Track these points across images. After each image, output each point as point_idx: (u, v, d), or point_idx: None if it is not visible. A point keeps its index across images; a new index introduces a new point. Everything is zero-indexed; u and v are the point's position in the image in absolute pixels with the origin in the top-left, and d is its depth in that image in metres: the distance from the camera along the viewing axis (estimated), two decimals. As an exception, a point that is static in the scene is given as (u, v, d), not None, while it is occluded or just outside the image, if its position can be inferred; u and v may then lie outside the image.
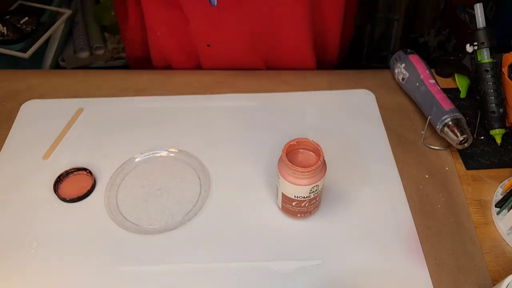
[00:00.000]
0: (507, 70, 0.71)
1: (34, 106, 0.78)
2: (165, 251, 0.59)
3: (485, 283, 0.56)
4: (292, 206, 0.59)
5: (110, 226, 0.62)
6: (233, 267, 0.58)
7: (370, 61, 1.60)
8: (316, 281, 0.56)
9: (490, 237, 0.61)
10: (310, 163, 0.56)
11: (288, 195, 0.58)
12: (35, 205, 0.64)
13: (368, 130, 0.74)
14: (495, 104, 0.71)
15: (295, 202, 0.58)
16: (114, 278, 0.57)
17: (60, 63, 1.33)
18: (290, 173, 0.55)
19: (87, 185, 0.65)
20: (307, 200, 0.58)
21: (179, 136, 0.73)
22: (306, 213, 0.61)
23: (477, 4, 0.71)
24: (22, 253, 0.59)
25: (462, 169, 0.69)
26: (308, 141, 0.57)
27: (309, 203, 0.59)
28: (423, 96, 0.74)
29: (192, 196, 0.65)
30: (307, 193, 0.56)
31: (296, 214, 0.61)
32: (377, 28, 1.55)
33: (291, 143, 0.56)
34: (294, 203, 0.58)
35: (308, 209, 0.60)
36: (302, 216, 0.61)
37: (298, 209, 0.60)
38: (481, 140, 0.73)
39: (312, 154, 0.57)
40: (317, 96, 0.80)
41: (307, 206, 0.59)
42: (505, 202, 0.62)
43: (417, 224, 0.62)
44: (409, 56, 0.78)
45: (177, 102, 0.79)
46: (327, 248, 0.60)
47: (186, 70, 0.84)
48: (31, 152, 0.71)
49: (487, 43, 0.71)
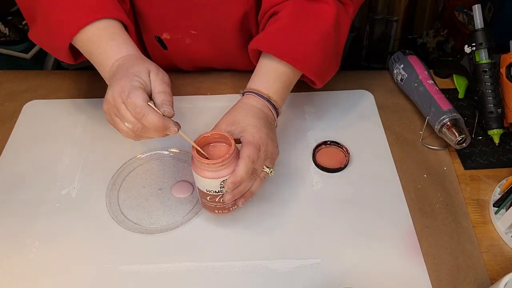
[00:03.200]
0: (505, 71, 0.72)
1: (36, 107, 0.79)
2: (166, 251, 0.60)
3: (483, 282, 0.57)
4: (208, 201, 0.58)
5: (111, 225, 0.62)
6: (233, 266, 0.58)
7: (369, 61, 1.61)
8: (315, 279, 0.57)
9: (488, 236, 0.62)
10: (222, 155, 0.53)
11: (202, 189, 0.56)
12: (37, 205, 0.64)
13: (367, 130, 0.75)
14: (493, 105, 0.71)
15: (209, 196, 0.56)
16: (115, 277, 0.57)
17: (62, 63, 1.34)
18: (199, 165, 0.53)
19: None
20: (220, 195, 0.56)
21: (180, 136, 0.74)
22: (223, 209, 0.59)
23: (476, 5, 0.72)
24: (23, 252, 0.59)
25: (460, 169, 0.70)
26: (221, 133, 0.55)
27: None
28: (422, 97, 0.74)
29: (193, 196, 0.66)
30: (218, 188, 0.55)
31: (214, 210, 0.59)
32: (376, 29, 1.55)
33: (204, 135, 0.55)
34: (208, 198, 0.57)
35: (225, 205, 0.58)
36: (220, 212, 0.59)
37: (214, 205, 0.58)
38: (479, 140, 0.74)
39: (226, 146, 0.55)
40: (316, 96, 0.80)
41: (222, 202, 0.57)
42: (503, 202, 0.63)
43: (416, 224, 0.62)
44: (407, 57, 0.79)
45: (177, 102, 0.78)
46: (326, 247, 0.60)
47: (186, 71, 0.84)
48: (33, 152, 0.71)
49: (485, 44, 0.71)
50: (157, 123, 0.50)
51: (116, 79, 0.53)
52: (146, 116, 0.50)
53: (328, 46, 0.64)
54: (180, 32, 0.75)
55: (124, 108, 0.51)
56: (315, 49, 0.63)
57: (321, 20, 0.63)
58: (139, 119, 0.50)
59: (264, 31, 0.65)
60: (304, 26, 0.63)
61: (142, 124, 0.51)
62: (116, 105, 0.51)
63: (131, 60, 0.56)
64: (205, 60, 0.82)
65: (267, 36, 0.64)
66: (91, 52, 0.59)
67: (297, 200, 0.65)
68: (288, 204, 0.65)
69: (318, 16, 0.63)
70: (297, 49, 0.62)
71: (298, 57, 0.62)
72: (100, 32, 0.58)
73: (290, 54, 0.61)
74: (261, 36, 0.65)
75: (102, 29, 0.59)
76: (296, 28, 0.63)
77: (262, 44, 0.63)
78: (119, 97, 0.51)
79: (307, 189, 0.66)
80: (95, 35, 0.58)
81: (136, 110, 0.50)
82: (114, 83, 0.52)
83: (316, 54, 0.63)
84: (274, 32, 0.63)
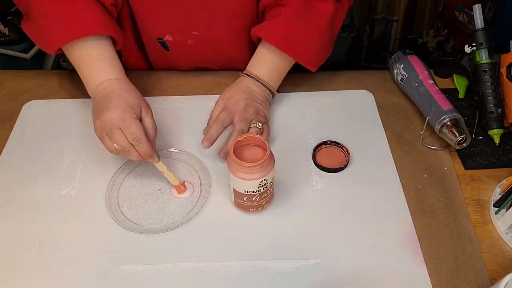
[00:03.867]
0: (505, 71, 0.72)
1: (36, 107, 0.79)
2: (166, 251, 0.60)
3: (484, 282, 0.57)
4: (244, 201, 0.60)
5: (111, 225, 0.62)
6: (233, 266, 0.58)
7: (369, 61, 1.61)
8: (315, 280, 0.57)
9: (488, 237, 0.62)
10: (258, 157, 0.57)
11: (239, 190, 0.59)
12: (37, 205, 0.64)
13: (367, 130, 0.75)
14: (494, 105, 0.71)
15: (246, 196, 0.59)
16: (115, 277, 0.57)
17: (62, 63, 1.34)
18: (238, 168, 0.56)
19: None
20: (257, 195, 0.59)
21: (179, 136, 0.74)
22: (258, 207, 0.62)
23: (476, 5, 0.71)
24: (24, 252, 0.59)
25: (460, 169, 0.70)
26: (255, 137, 0.58)
27: (260, 197, 0.60)
28: (422, 97, 0.74)
29: (193, 196, 0.66)
30: (256, 187, 0.57)
31: (249, 209, 0.62)
32: (376, 29, 1.55)
33: (238, 139, 0.58)
34: (245, 198, 0.59)
35: (260, 203, 0.61)
36: (255, 210, 0.62)
37: (250, 204, 0.60)
38: (480, 140, 0.74)
39: (259, 149, 0.59)
40: (316, 96, 0.80)
41: (258, 201, 0.60)
42: (503, 202, 0.63)
43: (416, 224, 0.62)
44: (408, 56, 0.79)
45: (177, 103, 0.79)
46: (326, 247, 0.60)
47: (186, 71, 0.84)
48: (32, 152, 0.71)
49: (486, 44, 0.71)
50: (147, 151, 0.61)
51: (112, 107, 0.61)
52: (141, 144, 0.60)
53: (324, 39, 0.73)
54: (182, 34, 0.76)
55: (119, 132, 0.60)
56: (314, 43, 0.72)
57: (319, 18, 0.71)
58: (134, 145, 0.60)
59: (269, 22, 0.72)
60: (305, 22, 0.70)
61: (132, 149, 0.61)
62: (112, 128, 0.60)
63: (123, 89, 0.65)
64: (205, 61, 0.83)
65: (271, 27, 0.71)
66: (79, 65, 0.67)
67: (297, 200, 0.65)
68: (288, 204, 0.65)
69: (317, 13, 0.71)
70: (295, 41, 0.71)
71: (298, 50, 0.71)
72: (90, 49, 0.66)
73: (292, 47, 0.70)
74: (266, 26, 0.72)
75: (92, 47, 0.66)
76: (297, 23, 0.70)
77: (265, 34, 0.71)
78: (117, 124, 0.60)
79: (307, 189, 0.66)
80: (85, 51, 0.66)
81: (135, 138, 0.60)
82: (111, 109, 0.60)
83: (312, 46, 0.72)
84: (278, 25, 0.70)
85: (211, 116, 0.71)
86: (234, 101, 0.69)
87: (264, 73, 0.73)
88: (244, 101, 0.69)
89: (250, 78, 0.73)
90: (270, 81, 0.73)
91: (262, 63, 0.73)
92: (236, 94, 0.70)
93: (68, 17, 0.64)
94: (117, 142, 0.60)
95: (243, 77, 0.74)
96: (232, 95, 0.70)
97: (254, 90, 0.72)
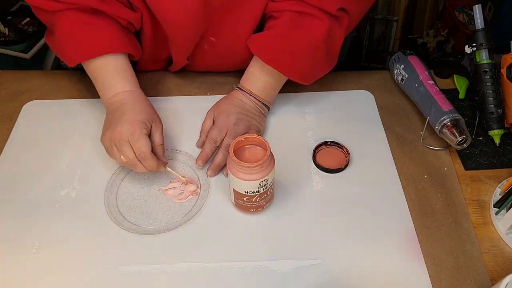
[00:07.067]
0: (506, 71, 0.72)
1: (36, 107, 0.79)
2: (165, 251, 0.60)
3: (484, 283, 0.57)
4: (244, 202, 0.60)
5: (111, 226, 0.62)
6: (233, 267, 0.58)
7: (370, 62, 1.61)
8: (315, 280, 0.57)
9: (488, 237, 0.62)
10: (258, 158, 0.57)
11: (239, 190, 0.59)
12: (37, 206, 0.64)
13: (367, 131, 0.75)
14: (494, 105, 0.71)
15: (246, 197, 0.59)
16: (114, 278, 0.57)
17: (62, 63, 1.33)
18: (238, 169, 0.56)
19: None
20: (257, 195, 0.59)
21: (179, 136, 0.74)
22: (258, 208, 0.62)
23: (476, 6, 0.71)
24: (23, 252, 0.59)
25: (461, 170, 0.70)
26: (255, 137, 0.58)
27: (260, 198, 0.60)
28: (422, 97, 0.74)
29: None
30: (256, 188, 0.57)
31: (249, 209, 0.62)
32: (376, 29, 1.55)
33: (238, 139, 0.58)
34: (245, 198, 0.59)
35: (260, 203, 0.61)
36: (255, 211, 0.62)
37: (250, 204, 0.60)
38: (480, 140, 0.74)
39: (259, 149, 0.59)
40: (316, 96, 0.80)
41: (258, 201, 0.60)
42: (503, 202, 0.63)
43: (416, 224, 0.62)
44: (408, 57, 0.79)
45: (177, 103, 0.79)
46: (326, 248, 0.60)
47: (186, 71, 0.84)
48: (32, 152, 0.71)
49: (486, 44, 0.71)
50: (153, 166, 0.63)
51: (125, 120, 0.63)
52: (147, 160, 0.62)
53: (316, 56, 0.70)
54: (200, 40, 0.75)
55: (127, 146, 0.62)
56: (304, 57, 0.70)
57: (311, 34, 0.68)
58: (141, 160, 0.62)
59: (259, 34, 0.71)
60: (294, 38, 0.69)
61: (138, 163, 0.62)
62: (121, 141, 0.62)
63: (137, 103, 0.67)
64: (218, 65, 0.83)
65: (262, 40, 0.71)
66: (94, 77, 0.70)
67: (297, 200, 0.65)
68: (288, 205, 0.65)
69: (308, 30, 0.68)
70: (284, 57, 0.69)
71: (286, 63, 0.70)
72: (106, 63, 0.69)
73: (278, 61, 0.69)
74: (257, 38, 0.71)
75: (109, 60, 0.68)
76: (287, 37, 0.69)
77: (254, 46, 0.71)
78: (127, 137, 0.62)
79: (307, 190, 0.66)
80: (101, 64, 0.69)
81: (141, 154, 0.62)
82: (123, 122, 0.63)
83: (301, 62, 0.70)
84: (268, 38, 0.70)
85: (202, 127, 0.72)
86: (225, 115, 0.70)
87: (258, 87, 0.72)
88: (235, 116, 0.69)
89: (243, 92, 0.73)
90: (263, 95, 0.73)
91: (255, 78, 0.73)
92: (228, 108, 0.71)
93: (87, 37, 0.67)
94: (125, 155, 0.62)
95: (236, 90, 0.74)
96: (224, 108, 0.71)
97: (247, 104, 0.72)
